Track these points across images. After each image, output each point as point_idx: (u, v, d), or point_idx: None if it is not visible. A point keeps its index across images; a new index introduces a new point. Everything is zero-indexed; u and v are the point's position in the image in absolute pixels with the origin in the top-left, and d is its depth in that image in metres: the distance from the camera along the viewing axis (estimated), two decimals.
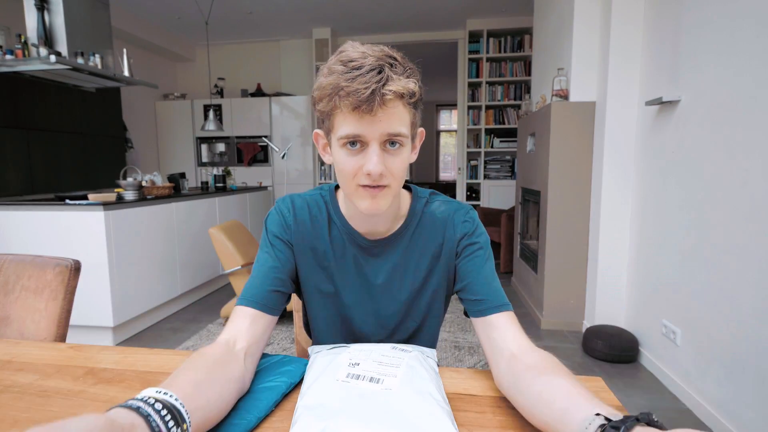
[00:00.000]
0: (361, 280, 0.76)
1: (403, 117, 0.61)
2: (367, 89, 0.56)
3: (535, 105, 3.30)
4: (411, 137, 0.65)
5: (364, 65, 0.57)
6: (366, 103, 0.56)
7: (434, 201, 0.78)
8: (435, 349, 0.76)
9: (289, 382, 0.61)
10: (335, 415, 0.49)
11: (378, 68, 0.57)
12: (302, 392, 0.56)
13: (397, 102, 0.59)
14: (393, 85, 0.57)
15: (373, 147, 0.60)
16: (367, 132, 0.59)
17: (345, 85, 0.57)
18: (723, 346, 1.61)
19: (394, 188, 0.64)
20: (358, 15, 4.70)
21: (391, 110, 0.59)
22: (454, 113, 9.19)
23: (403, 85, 0.58)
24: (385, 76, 0.57)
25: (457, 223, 0.75)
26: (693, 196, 1.80)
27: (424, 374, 0.58)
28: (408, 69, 0.60)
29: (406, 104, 0.61)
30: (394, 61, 0.59)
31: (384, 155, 0.61)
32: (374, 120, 0.58)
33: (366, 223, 0.73)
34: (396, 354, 0.62)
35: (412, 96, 0.60)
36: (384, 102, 0.57)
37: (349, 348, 0.64)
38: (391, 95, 0.57)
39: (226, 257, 2.67)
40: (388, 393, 0.53)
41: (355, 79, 0.56)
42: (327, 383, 0.55)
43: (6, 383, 0.64)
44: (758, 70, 1.45)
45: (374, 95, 0.56)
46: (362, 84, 0.56)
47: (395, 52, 0.61)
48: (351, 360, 0.60)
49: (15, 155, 3.42)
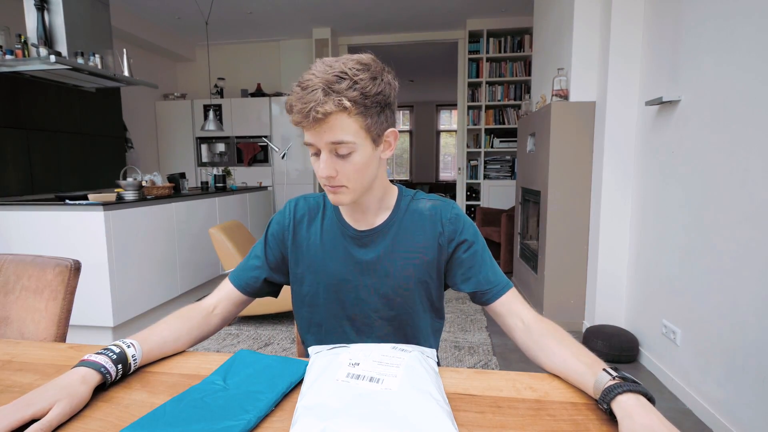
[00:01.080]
0: (349, 259, 0.81)
1: (346, 126, 0.67)
2: (305, 108, 0.64)
3: (535, 105, 3.30)
4: (372, 139, 0.71)
5: (309, 86, 0.65)
6: (305, 119, 0.65)
7: (419, 198, 0.84)
8: (435, 349, 0.79)
9: (289, 382, 0.61)
10: (335, 415, 0.49)
11: (316, 89, 0.64)
12: (302, 392, 0.56)
13: (337, 115, 0.65)
14: (324, 106, 0.63)
15: (323, 154, 0.70)
16: (315, 141, 0.69)
17: (294, 104, 0.66)
18: (723, 346, 1.61)
19: (353, 187, 0.72)
20: (358, 15, 4.69)
21: (332, 122, 0.66)
22: (454, 113, 9.19)
23: (335, 104, 0.64)
24: (318, 98, 0.63)
25: (445, 221, 0.81)
26: (693, 195, 1.80)
27: (424, 374, 0.58)
28: (356, 82, 0.65)
29: (351, 114, 0.66)
30: (343, 76, 0.65)
31: (335, 160, 0.70)
32: (318, 132, 0.67)
33: (354, 213, 0.81)
34: (396, 354, 0.62)
35: (346, 109, 0.65)
36: (318, 120, 0.65)
37: (349, 348, 0.65)
38: (321, 114, 0.64)
39: (226, 257, 2.67)
40: (389, 393, 0.53)
41: (300, 99, 0.65)
42: (327, 383, 0.55)
43: (6, 383, 0.64)
44: (758, 69, 1.45)
45: (310, 113, 0.64)
46: (303, 104, 0.64)
47: (355, 64, 0.67)
48: (351, 360, 0.60)
49: (15, 155, 3.43)
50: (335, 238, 0.82)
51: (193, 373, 0.67)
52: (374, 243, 0.80)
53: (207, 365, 0.69)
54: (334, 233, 0.82)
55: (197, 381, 0.63)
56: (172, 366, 0.69)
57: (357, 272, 0.80)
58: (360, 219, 0.81)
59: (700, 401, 1.73)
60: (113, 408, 0.57)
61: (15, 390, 0.62)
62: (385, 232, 0.81)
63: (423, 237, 0.80)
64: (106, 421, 0.54)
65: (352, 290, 0.81)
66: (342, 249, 0.81)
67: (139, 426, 0.51)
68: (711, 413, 1.66)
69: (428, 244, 0.80)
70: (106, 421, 0.54)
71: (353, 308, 0.82)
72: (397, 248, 0.80)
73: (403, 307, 0.81)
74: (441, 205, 0.82)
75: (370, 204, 0.80)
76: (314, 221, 0.84)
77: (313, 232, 0.83)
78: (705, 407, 1.70)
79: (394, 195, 0.84)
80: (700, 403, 1.73)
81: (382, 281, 0.80)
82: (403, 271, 0.80)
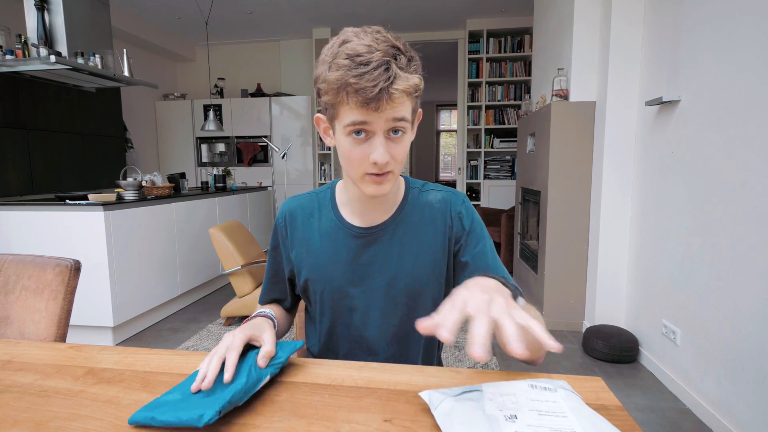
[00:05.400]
0: (353, 259, 0.77)
1: (407, 106, 0.62)
2: (376, 87, 0.57)
3: (535, 105, 3.30)
4: (412, 122, 0.67)
5: (372, 61, 0.57)
6: (374, 101, 0.58)
7: (428, 189, 0.80)
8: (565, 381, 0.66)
9: (293, 347, 0.63)
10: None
11: (385, 64, 0.57)
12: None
13: (404, 97, 0.60)
14: (400, 83, 0.58)
15: (379, 137, 0.62)
16: (372, 122, 0.61)
17: (353, 81, 0.57)
18: (723, 346, 1.61)
19: (397, 173, 0.68)
20: (358, 15, 4.70)
21: (397, 104, 0.60)
22: (454, 113, 9.19)
23: (411, 83, 0.59)
24: (392, 74, 0.58)
25: (454, 213, 0.77)
26: (693, 195, 1.80)
27: (594, 415, 0.50)
28: (412, 61, 0.61)
29: (411, 96, 0.62)
30: (398, 53, 0.60)
31: (388, 143, 0.63)
32: (383, 111, 0.60)
33: (365, 208, 0.76)
34: (546, 396, 0.53)
35: (417, 90, 0.62)
36: (391, 98, 0.58)
37: (483, 392, 0.54)
38: (399, 93, 0.58)
39: (226, 257, 2.67)
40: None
41: (362, 76, 0.57)
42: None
43: (6, 383, 0.64)
44: (758, 69, 1.45)
45: (382, 93, 0.57)
46: (370, 82, 0.57)
47: (398, 41, 0.61)
48: (504, 413, 0.50)
49: (15, 155, 3.43)
50: (336, 240, 0.77)
51: None
52: (380, 240, 0.76)
53: None
54: (334, 234, 0.78)
55: None
56: (172, 366, 0.69)
57: (361, 272, 0.76)
58: (370, 215, 0.76)
59: (700, 401, 1.73)
60: (113, 408, 0.57)
61: (15, 390, 0.61)
62: (392, 228, 0.76)
63: (433, 231, 0.76)
64: (106, 421, 0.54)
65: (357, 292, 0.77)
66: (344, 250, 0.77)
67: (151, 407, 0.52)
68: (711, 413, 1.66)
69: (438, 239, 0.76)
70: (106, 421, 0.54)
71: (359, 308, 0.78)
72: (405, 245, 0.76)
73: (411, 306, 0.77)
74: (450, 197, 0.78)
75: (388, 197, 0.76)
76: (309, 221, 0.79)
77: (311, 233, 0.79)
78: (705, 407, 1.70)
79: (402, 187, 0.80)
80: (700, 403, 1.73)
81: (389, 280, 0.76)
82: (412, 268, 0.75)
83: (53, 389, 0.62)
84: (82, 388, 0.62)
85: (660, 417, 1.75)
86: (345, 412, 0.55)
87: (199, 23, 4.63)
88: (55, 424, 0.53)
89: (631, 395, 1.92)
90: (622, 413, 0.56)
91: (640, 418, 1.74)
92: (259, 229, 4.37)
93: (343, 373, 0.65)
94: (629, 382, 2.04)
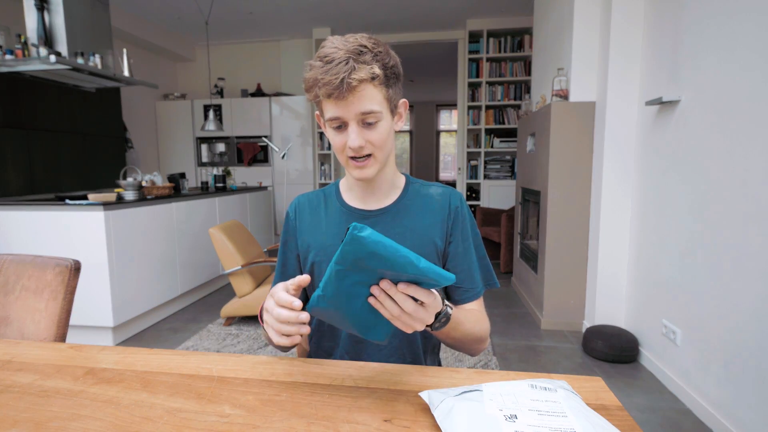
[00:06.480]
0: None
1: (373, 96, 0.70)
2: (337, 78, 0.66)
3: (535, 105, 3.30)
4: (390, 110, 0.75)
5: (335, 58, 0.67)
6: (337, 90, 0.67)
7: (427, 184, 0.88)
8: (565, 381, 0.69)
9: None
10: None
11: (345, 60, 0.67)
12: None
13: (366, 85, 0.68)
14: (357, 73, 0.67)
15: (352, 126, 0.71)
16: (344, 114, 0.70)
17: (320, 77, 0.68)
18: (723, 346, 1.61)
19: (379, 156, 0.75)
20: (358, 15, 4.69)
21: (361, 93, 0.68)
22: (454, 113, 9.19)
23: (368, 72, 0.67)
24: (350, 66, 0.66)
25: (453, 207, 0.84)
26: (693, 196, 1.80)
27: (594, 415, 0.51)
28: (377, 54, 0.69)
29: (376, 85, 0.70)
30: (363, 49, 0.68)
31: (362, 130, 0.72)
32: (348, 103, 0.69)
33: (365, 193, 0.83)
34: (546, 396, 0.54)
35: (376, 77, 0.69)
36: (352, 88, 0.67)
37: (483, 392, 0.55)
38: (356, 82, 0.67)
39: (226, 257, 2.67)
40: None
41: (328, 71, 0.67)
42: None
43: (6, 383, 0.64)
44: (758, 69, 1.45)
45: (342, 83, 0.66)
46: (333, 75, 0.66)
47: (367, 40, 0.70)
48: (504, 413, 0.51)
49: (15, 155, 3.43)
50: (341, 222, 0.83)
51: (193, 373, 0.67)
52: (384, 222, 0.82)
53: (207, 365, 0.69)
54: (339, 218, 0.84)
55: (197, 381, 0.63)
56: (172, 366, 0.69)
57: None
58: (369, 199, 0.83)
59: (700, 401, 1.73)
60: (113, 408, 0.57)
61: (15, 390, 0.61)
62: (395, 211, 0.83)
63: (432, 219, 0.83)
64: (106, 421, 0.54)
65: None
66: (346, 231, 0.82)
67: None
68: (711, 413, 1.66)
69: (437, 226, 0.82)
70: (106, 421, 0.54)
71: None
72: (408, 227, 0.82)
73: None
74: (449, 192, 0.86)
75: (382, 183, 0.83)
76: (317, 210, 0.86)
77: (318, 220, 0.85)
78: (705, 407, 1.70)
79: (402, 178, 0.88)
80: (700, 403, 1.73)
81: None
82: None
83: (53, 389, 0.62)
84: (82, 388, 0.62)
85: (660, 417, 1.75)
86: (345, 412, 0.55)
87: (199, 23, 4.63)
88: (55, 424, 0.53)
89: (631, 395, 1.92)
90: (622, 413, 0.56)
91: (640, 418, 1.74)
92: (259, 229, 4.37)
93: (343, 373, 0.65)
94: (629, 382, 2.04)
